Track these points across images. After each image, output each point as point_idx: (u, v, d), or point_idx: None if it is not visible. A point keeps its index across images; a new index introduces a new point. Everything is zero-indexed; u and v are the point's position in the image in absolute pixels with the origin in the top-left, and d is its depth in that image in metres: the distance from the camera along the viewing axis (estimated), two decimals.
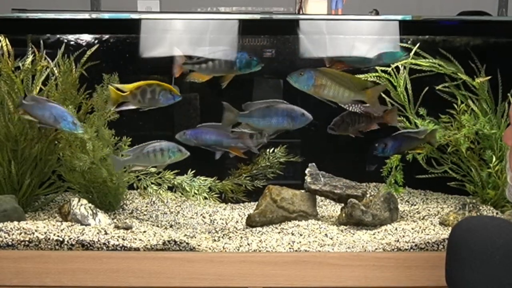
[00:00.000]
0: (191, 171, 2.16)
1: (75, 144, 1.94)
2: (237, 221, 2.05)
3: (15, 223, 1.77)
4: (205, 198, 2.18)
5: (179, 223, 2.03)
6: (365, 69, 1.97)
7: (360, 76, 2.00)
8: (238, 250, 1.69)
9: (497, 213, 1.94)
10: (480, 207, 1.93)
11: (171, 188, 2.15)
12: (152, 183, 2.11)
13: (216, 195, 2.18)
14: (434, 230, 1.85)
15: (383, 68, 2.08)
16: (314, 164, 2.05)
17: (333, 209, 2.18)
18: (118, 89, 1.80)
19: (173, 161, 1.86)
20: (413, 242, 1.71)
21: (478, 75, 2.07)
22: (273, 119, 1.80)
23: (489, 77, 2.06)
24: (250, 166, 2.27)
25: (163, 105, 1.82)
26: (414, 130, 1.99)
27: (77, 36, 2.30)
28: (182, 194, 2.14)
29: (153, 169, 2.14)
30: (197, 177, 2.19)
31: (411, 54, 2.10)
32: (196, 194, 2.14)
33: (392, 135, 1.97)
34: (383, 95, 2.14)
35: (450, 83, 2.12)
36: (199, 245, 1.70)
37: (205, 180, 2.18)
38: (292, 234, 1.84)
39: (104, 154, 1.95)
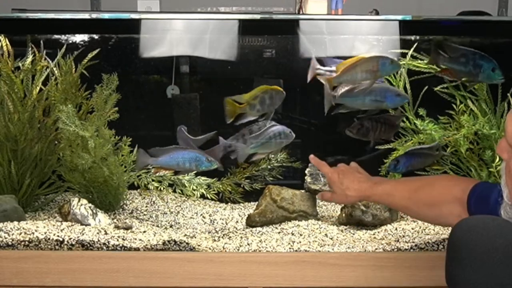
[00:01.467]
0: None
1: (76, 143, 1.93)
2: (237, 221, 2.05)
3: (15, 223, 1.77)
4: (202, 196, 2.19)
5: (179, 223, 2.03)
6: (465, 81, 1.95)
7: None
8: (238, 250, 1.69)
9: None
10: None
11: (171, 185, 2.16)
12: (152, 180, 2.11)
13: (213, 192, 2.19)
14: (434, 230, 1.85)
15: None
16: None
17: (333, 209, 2.18)
18: (235, 100, 1.77)
19: (284, 144, 1.84)
20: (413, 242, 1.71)
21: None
22: (367, 98, 1.81)
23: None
24: (250, 167, 2.27)
25: (277, 106, 1.83)
26: (427, 146, 1.98)
27: (77, 36, 2.30)
28: (181, 191, 2.14)
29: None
30: (198, 177, 2.20)
31: (409, 54, 2.10)
32: (194, 190, 2.14)
33: (408, 151, 1.96)
34: None
35: (449, 83, 2.12)
36: (199, 245, 1.70)
37: (206, 180, 2.19)
38: (292, 234, 1.84)
39: (105, 152, 1.95)
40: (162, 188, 2.18)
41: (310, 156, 1.72)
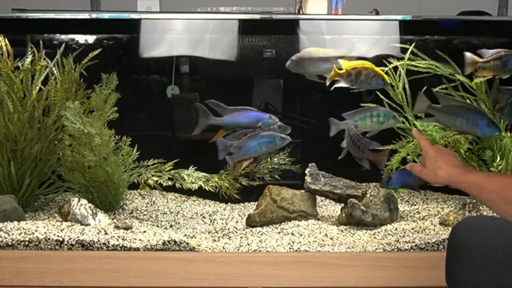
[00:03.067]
0: (193, 166, 2.17)
1: (81, 141, 1.93)
2: (237, 221, 2.05)
3: (15, 223, 1.77)
4: (201, 193, 2.16)
5: (179, 223, 2.03)
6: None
7: None
8: (238, 250, 1.69)
9: None
10: (480, 207, 1.93)
11: (171, 179, 2.14)
12: (152, 175, 2.11)
13: (211, 185, 2.17)
14: (434, 230, 1.85)
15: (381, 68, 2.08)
16: (314, 164, 2.05)
17: (333, 209, 2.18)
18: (339, 68, 1.82)
19: (386, 127, 1.85)
20: (413, 242, 1.71)
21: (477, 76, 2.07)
22: (458, 120, 1.79)
23: (487, 77, 2.05)
24: (250, 164, 2.26)
25: (372, 88, 1.85)
26: None
27: (77, 36, 2.30)
28: (181, 185, 2.13)
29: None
30: (197, 171, 2.19)
31: (407, 54, 2.10)
32: (193, 183, 2.13)
33: (402, 168, 1.95)
34: (381, 96, 2.14)
35: (447, 84, 2.11)
36: (199, 245, 1.70)
37: (205, 175, 2.18)
38: (292, 234, 1.84)
39: (106, 151, 1.95)
40: (162, 182, 2.16)
41: (413, 129, 1.72)
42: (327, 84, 1.84)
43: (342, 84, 1.82)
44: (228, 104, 1.87)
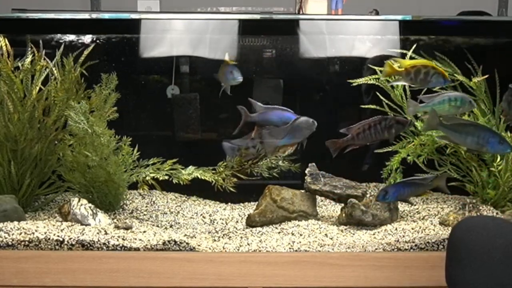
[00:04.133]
0: (193, 166, 2.16)
1: (84, 141, 1.93)
2: (237, 221, 2.05)
3: (15, 223, 1.77)
4: (198, 185, 2.15)
5: (179, 223, 2.03)
6: None
7: None
8: (238, 250, 1.69)
9: (497, 213, 1.94)
10: (480, 207, 1.93)
11: (168, 176, 2.14)
12: (151, 173, 2.10)
13: (208, 175, 2.15)
14: (434, 230, 1.85)
15: (380, 68, 2.08)
16: (314, 164, 2.05)
17: (333, 209, 2.18)
18: (396, 62, 1.82)
19: (462, 111, 1.86)
20: (413, 242, 1.71)
21: (476, 75, 2.07)
22: (469, 138, 1.81)
23: (486, 77, 2.05)
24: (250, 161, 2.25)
25: (433, 86, 1.85)
26: (420, 177, 1.97)
27: (77, 36, 2.30)
28: (178, 180, 2.11)
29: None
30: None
31: (408, 54, 2.10)
32: (190, 175, 2.12)
33: (398, 182, 1.96)
34: (380, 96, 2.14)
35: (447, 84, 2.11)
36: (199, 245, 1.70)
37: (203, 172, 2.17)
38: (292, 234, 1.84)
39: (106, 152, 1.95)
40: (159, 177, 2.13)
41: None
42: (382, 78, 1.87)
43: (401, 82, 1.84)
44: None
